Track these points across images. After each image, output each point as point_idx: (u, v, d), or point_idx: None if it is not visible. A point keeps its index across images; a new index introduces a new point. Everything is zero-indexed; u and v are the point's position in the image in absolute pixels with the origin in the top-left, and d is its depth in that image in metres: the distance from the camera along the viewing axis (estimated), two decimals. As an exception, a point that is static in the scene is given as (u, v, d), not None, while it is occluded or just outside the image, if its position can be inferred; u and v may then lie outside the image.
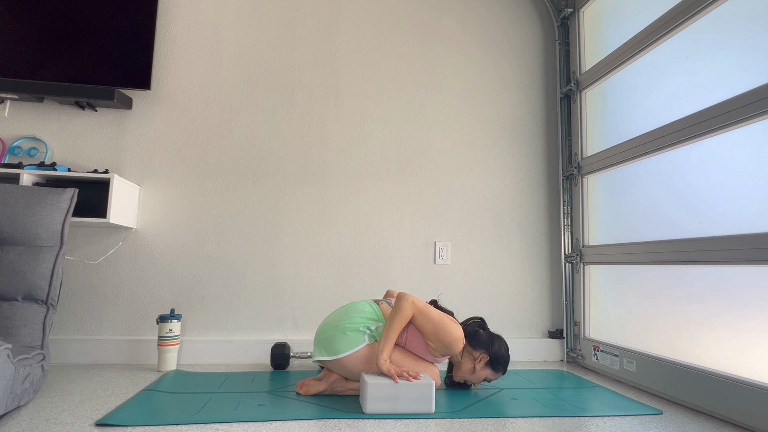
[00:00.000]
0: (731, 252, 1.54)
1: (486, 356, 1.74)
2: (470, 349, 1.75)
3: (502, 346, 1.77)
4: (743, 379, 1.50)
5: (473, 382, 1.78)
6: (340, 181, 2.44)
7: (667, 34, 1.90)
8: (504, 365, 1.76)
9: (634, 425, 1.46)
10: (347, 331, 1.65)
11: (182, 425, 1.35)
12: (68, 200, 1.73)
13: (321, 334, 1.71)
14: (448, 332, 1.63)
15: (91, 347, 2.15)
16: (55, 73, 2.21)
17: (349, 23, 2.55)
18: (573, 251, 2.49)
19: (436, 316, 1.64)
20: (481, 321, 1.86)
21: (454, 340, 1.64)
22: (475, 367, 1.74)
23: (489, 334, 1.79)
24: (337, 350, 1.63)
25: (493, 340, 1.76)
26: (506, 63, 2.66)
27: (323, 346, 1.67)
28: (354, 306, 1.75)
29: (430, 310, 1.65)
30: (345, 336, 1.64)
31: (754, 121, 1.51)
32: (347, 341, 1.63)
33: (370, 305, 1.75)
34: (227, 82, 2.42)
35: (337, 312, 1.76)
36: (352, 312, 1.71)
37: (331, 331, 1.68)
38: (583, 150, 2.48)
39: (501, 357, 1.75)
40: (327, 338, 1.67)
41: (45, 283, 1.63)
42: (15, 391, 1.34)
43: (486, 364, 1.74)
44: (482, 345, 1.74)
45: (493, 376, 1.77)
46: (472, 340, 1.76)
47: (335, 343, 1.64)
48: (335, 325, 1.69)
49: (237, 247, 2.33)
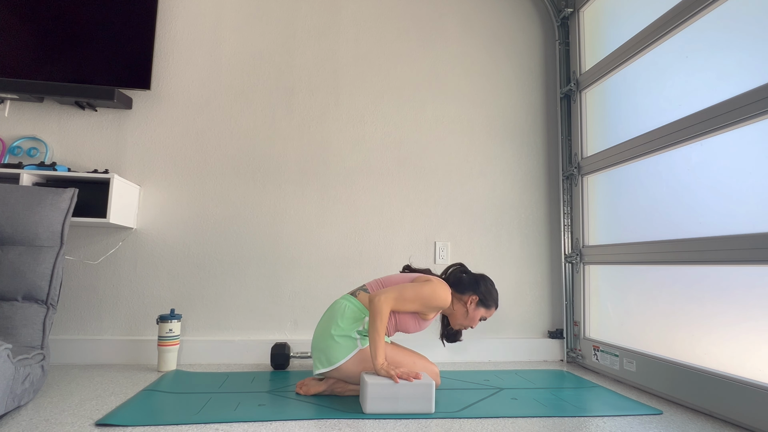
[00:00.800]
0: (731, 252, 1.54)
1: (475, 296, 1.78)
2: (459, 295, 1.79)
3: (488, 283, 1.82)
4: (743, 379, 1.50)
5: (470, 325, 1.81)
6: (340, 181, 2.44)
7: (667, 34, 1.90)
8: (495, 300, 1.81)
9: (634, 425, 1.46)
10: (337, 338, 1.65)
11: (182, 425, 1.35)
12: (68, 200, 1.73)
13: (316, 345, 1.71)
14: (434, 296, 1.67)
15: (91, 347, 2.15)
16: (55, 73, 2.21)
17: (349, 23, 2.55)
18: (573, 251, 2.49)
19: (413, 294, 1.65)
20: (461, 266, 1.89)
21: (442, 299, 1.68)
22: (467, 309, 1.78)
23: (473, 276, 1.83)
24: (332, 360, 1.64)
25: (479, 281, 1.81)
26: (506, 63, 2.66)
27: (320, 358, 1.68)
28: (335, 308, 1.73)
29: (403, 293, 1.64)
30: (337, 344, 1.65)
31: (755, 121, 1.51)
32: (340, 349, 1.64)
33: (349, 301, 1.74)
34: (227, 82, 2.42)
35: (323, 319, 1.76)
36: (336, 316, 1.70)
37: (323, 341, 1.68)
38: (583, 150, 2.48)
39: (489, 293, 1.80)
40: (321, 349, 1.68)
41: (45, 283, 1.63)
42: (15, 391, 1.34)
43: (477, 304, 1.78)
44: (469, 287, 1.79)
45: (486, 313, 1.81)
46: (458, 286, 1.79)
47: (330, 354, 1.65)
48: (325, 334, 1.68)
49: (237, 247, 2.33)
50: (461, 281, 1.80)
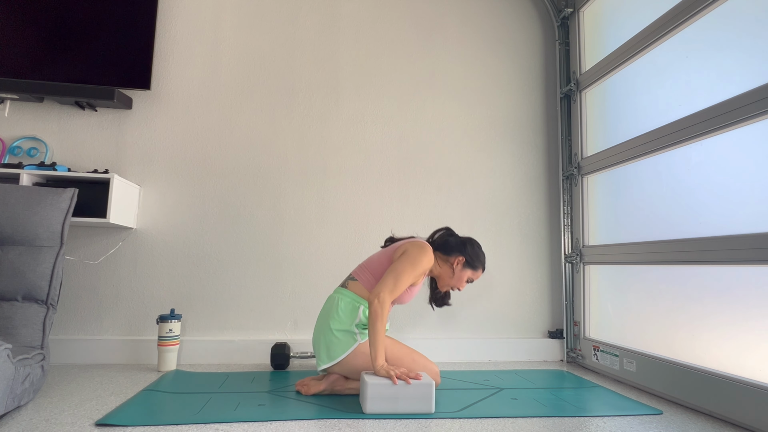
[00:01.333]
0: (731, 252, 1.54)
1: (461, 258, 1.79)
2: (445, 257, 1.81)
3: (475, 245, 1.84)
4: (743, 378, 1.50)
5: (457, 286, 1.83)
6: (340, 180, 2.44)
7: (667, 34, 1.90)
8: (482, 262, 1.83)
9: (634, 425, 1.46)
10: (336, 333, 1.67)
11: (182, 425, 1.35)
12: (68, 200, 1.73)
13: (317, 341, 1.73)
14: (419, 264, 1.68)
15: (91, 347, 2.15)
16: (55, 73, 2.21)
17: (349, 23, 2.55)
18: (573, 251, 2.49)
19: (405, 277, 1.65)
20: (448, 229, 1.91)
21: (426, 261, 1.69)
22: (453, 270, 1.80)
23: (459, 239, 1.85)
24: (333, 355, 1.66)
25: (465, 243, 1.83)
26: (506, 63, 2.66)
27: (322, 355, 1.70)
28: (331, 304, 1.75)
29: (398, 282, 1.63)
30: (337, 340, 1.67)
31: (754, 121, 1.51)
32: (341, 345, 1.66)
33: (340, 294, 1.75)
34: (227, 82, 2.42)
35: (320, 316, 1.77)
36: (333, 312, 1.71)
37: (323, 337, 1.70)
38: (583, 150, 2.48)
39: (476, 255, 1.82)
40: (322, 346, 1.70)
41: (45, 283, 1.63)
42: (15, 391, 1.34)
43: (464, 265, 1.80)
44: (455, 249, 1.81)
45: (473, 275, 1.83)
46: (445, 248, 1.82)
47: (331, 349, 1.67)
48: (324, 330, 1.70)
49: (237, 247, 2.33)
50: (448, 243, 1.83)
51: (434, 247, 1.83)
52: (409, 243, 1.74)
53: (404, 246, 1.74)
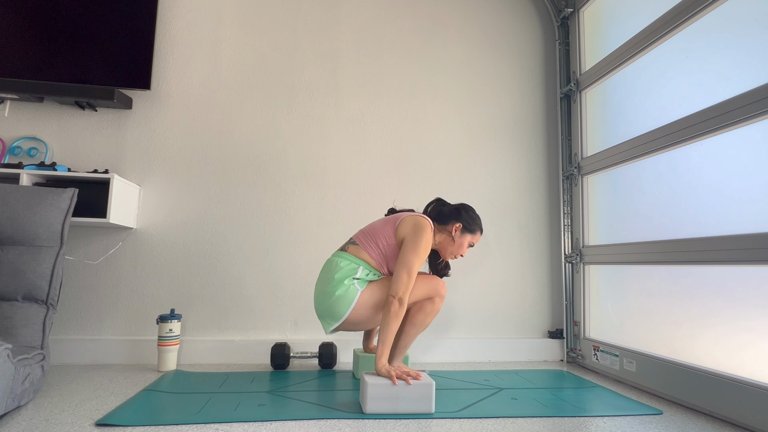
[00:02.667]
0: (731, 252, 1.54)
1: (458, 224, 1.81)
2: (442, 227, 1.83)
3: (469, 210, 1.86)
4: (743, 378, 1.50)
5: (460, 253, 1.85)
6: (340, 180, 2.44)
7: (667, 34, 1.90)
8: (479, 225, 1.85)
9: (634, 425, 1.46)
10: (336, 292, 1.68)
11: (182, 425, 1.35)
12: (68, 200, 1.73)
13: (319, 307, 1.74)
14: (426, 245, 1.69)
15: (91, 347, 2.15)
16: (55, 73, 2.21)
17: (349, 23, 2.55)
18: (573, 251, 2.49)
19: (417, 263, 1.66)
20: (439, 200, 1.93)
21: (426, 241, 1.69)
22: (453, 238, 1.81)
23: (452, 206, 1.87)
24: (339, 314, 1.68)
25: (459, 209, 1.84)
26: (506, 63, 2.66)
27: (326, 317, 1.71)
28: (329, 266, 1.76)
29: (411, 273, 1.63)
30: (338, 297, 1.67)
31: (754, 121, 1.51)
32: (342, 301, 1.67)
33: (339, 257, 1.76)
34: (227, 82, 2.42)
35: (318, 280, 1.78)
36: (331, 272, 1.72)
37: (324, 301, 1.71)
38: (583, 150, 2.48)
39: (472, 218, 1.84)
40: (325, 309, 1.71)
41: (45, 283, 1.63)
42: (15, 391, 1.34)
43: (462, 231, 1.82)
44: (451, 217, 1.83)
45: (473, 239, 1.84)
46: (440, 218, 1.84)
47: (334, 309, 1.68)
48: (324, 292, 1.71)
49: (237, 247, 2.33)
50: (442, 213, 1.85)
51: (430, 218, 1.83)
52: (409, 223, 1.73)
53: (403, 226, 1.73)
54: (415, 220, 1.73)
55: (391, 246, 1.74)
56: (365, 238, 1.78)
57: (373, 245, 1.76)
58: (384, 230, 1.77)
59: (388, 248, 1.75)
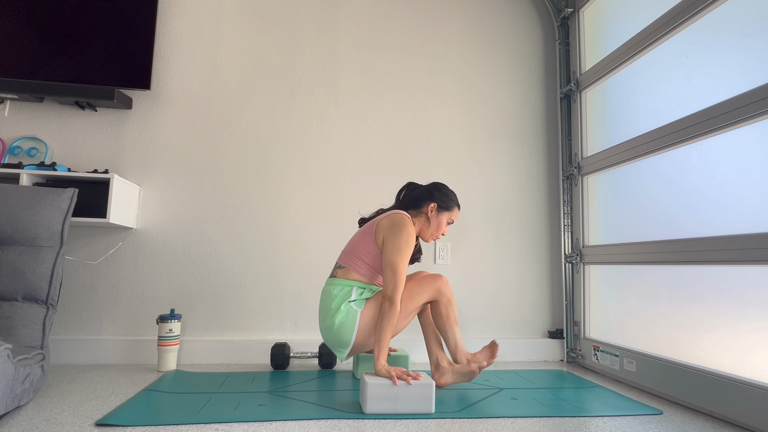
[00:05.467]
0: (731, 252, 1.54)
1: (433, 204, 1.79)
2: (417, 211, 1.81)
3: (442, 187, 1.84)
4: (743, 379, 1.50)
5: (441, 233, 1.82)
6: (340, 181, 2.44)
7: (667, 34, 1.90)
8: (454, 201, 1.83)
9: (634, 425, 1.46)
10: (337, 321, 1.69)
11: (182, 425, 1.35)
12: (68, 200, 1.73)
13: (327, 341, 1.77)
14: (410, 239, 1.67)
15: (91, 347, 2.15)
16: (55, 73, 2.21)
17: (349, 23, 2.55)
18: (573, 251, 2.49)
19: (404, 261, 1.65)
20: (410, 184, 1.91)
21: (407, 236, 1.67)
22: (430, 219, 1.79)
23: (424, 188, 1.85)
24: (346, 341, 1.69)
25: (431, 190, 1.83)
26: (506, 63, 2.66)
27: (336, 347, 1.74)
28: (324, 298, 1.77)
29: (395, 272, 1.63)
30: (340, 326, 1.69)
31: (754, 121, 1.51)
32: (345, 328, 1.68)
33: (330, 285, 1.76)
34: (227, 82, 2.42)
35: (319, 314, 1.79)
36: (327, 303, 1.73)
37: (329, 334, 1.73)
38: (583, 150, 2.48)
39: (446, 195, 1.82)
40: (332, 340, 1.73)
41: (45, 283, 1.63)
42: (15, 391, 1.34)
43: (438, 210, 1.80)
44: (423, 199, 1.81)
45: (451, 215, 1.82)
46: (415, 202, 1.82)
47: (340, 338, 1.70)
48: (326, 326, 1.73)
49: (237, 246, 2.33)
50: (414, 196, 1.83)
51: (405, 207, 1.83)
52: (384, 225, 1.71)
53: (380, 229, 1.72)
54: (390, 219, 1.72)
55: (376, 255, 1.74)
56: (349, 259, 1.78)
57: (359, 262, 1.75)
58: (364, 243, 1.76)
59: (373, 259, 1.74)
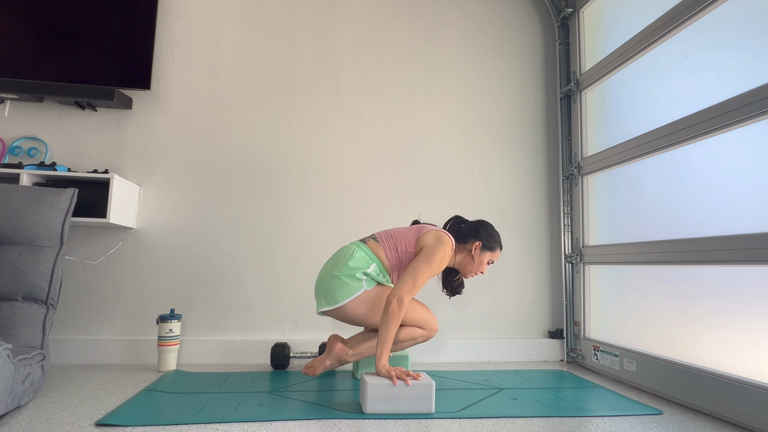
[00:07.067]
0: (731, 252, 1.54)
1: (478, 242, 1.80)
2: (462, 246, 1.82)
3: (488, 227, 1.85)
4: (743, 379, 1.50)
5: (480, 271, 1.84)
6: (340, 181, 2.44)
7: (667, 34, 1.90)
8: (498, 242, 1.85)
9: (634, 425, 1.46)
10: (343, 278, 1.68)
11: (182, 425, 1.35)
12: (68, 200, 1.73)
13: (320, 286, 1.74)
14: (443, 260, 1.68)
15: (91, 347, 2.15)
16: (55, 73, 2.21)
17: (349, 23, 2.55)
18: (573, 251, 2.49)
19: (427, 272, 1.64)
20: (458, 217, 1.92)
21: (441, 257, 1.67)
22: (473, 257, 1.81)
23: (471, 224, 1.86)
24: (336, 299, 1.68)
25: (478, 227, 1.84)
26: (506, 63, 2.66)
27: (323, 297, 1.71)
28: (344, 251, 1.76)
29: (417, 278, 1.62)
30: (343, 283, 1.68)
31: (754, 121, 1.51)
32: (346, 289, 1.68)
33: (358, 246, 1.76)
34: (227, 82, 2.42)
35: (328, 261, 1.78)
36: (345, 258, 1.73)
37: (328, 281, 1.71)
38: (583, 150, 2.48)
39: (491, 236, 1.83)
40: (326, 289, 1.71)
41: (45, 283, 1.63)
42: (15, 391, 1.34)
43: (482, 249, 1.81)
44: (470, 235, 1.82)
45: (492, 256, 1.84)
46: (459, 237, 1.83)
47: (334, 293, 1.69)
48: (331, 274, 1.72)
49: (237, 247, 2.33)
50: (461, 231, 1.84)
51: None
52: (432, 235, 1.73)
53: (426, 237, 1.73)
54: (439, 234, 1.74)
55: (408, 253, 1.75)
56: (387, 238, 1.79)
57: (392, 247, 1.76)
58: (406, 236, 1.77)
59: (405, 255, 1.75)
